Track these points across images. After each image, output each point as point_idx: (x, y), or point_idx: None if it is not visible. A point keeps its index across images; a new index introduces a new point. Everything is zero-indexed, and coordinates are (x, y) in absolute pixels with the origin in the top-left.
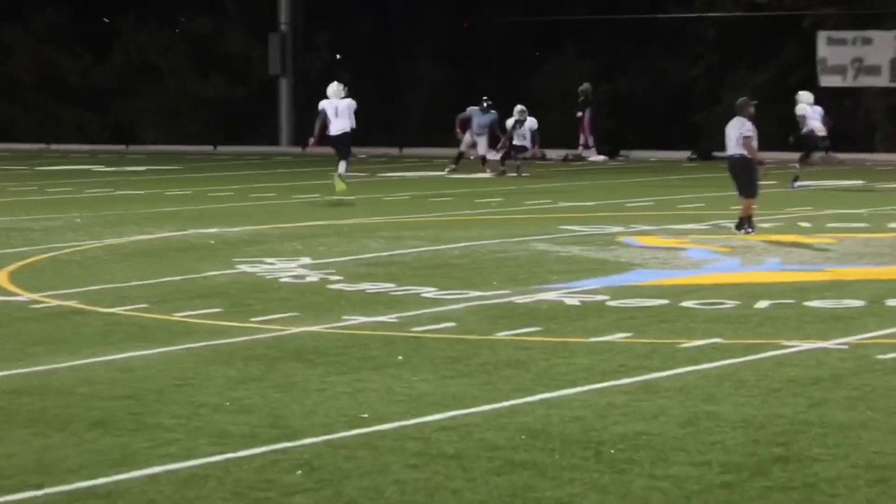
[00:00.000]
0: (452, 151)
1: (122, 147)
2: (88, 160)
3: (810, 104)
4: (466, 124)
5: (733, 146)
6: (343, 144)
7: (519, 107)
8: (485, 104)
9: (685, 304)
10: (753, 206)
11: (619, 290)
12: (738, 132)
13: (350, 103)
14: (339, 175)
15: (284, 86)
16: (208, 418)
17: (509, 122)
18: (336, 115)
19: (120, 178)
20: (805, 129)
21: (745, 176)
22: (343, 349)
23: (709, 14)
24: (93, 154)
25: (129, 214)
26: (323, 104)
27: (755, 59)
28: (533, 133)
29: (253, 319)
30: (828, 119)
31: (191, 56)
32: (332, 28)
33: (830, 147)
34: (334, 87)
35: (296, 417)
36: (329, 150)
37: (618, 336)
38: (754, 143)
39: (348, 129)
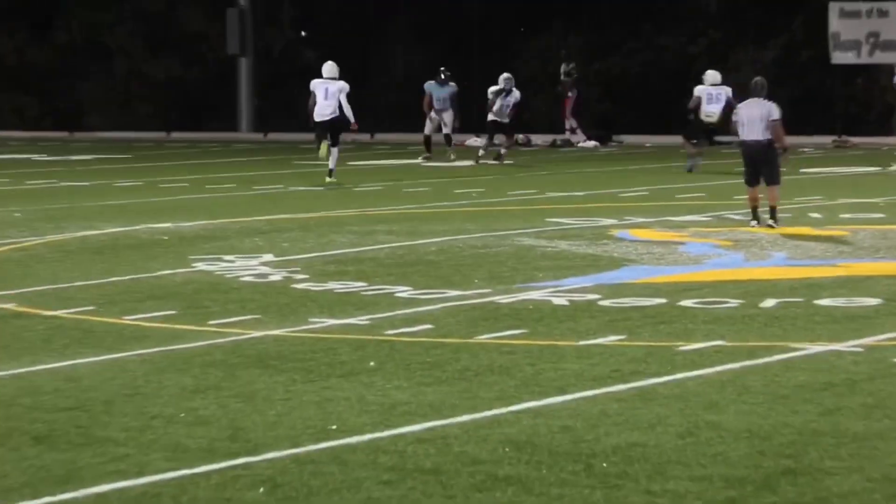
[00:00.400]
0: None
1: (65, 134)
2: (29, 148)
3: (715, 85)
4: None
5: (758, 130)
6: (328, 131)
7: (505, 74)
8: (442, 76)
9: (684, 303)
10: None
11: (612, 289)
12: (765, 115)
13: (342, 86)
14: (330, 170)
15: (244, 66)
16: (162, 431)
17: (492, 90)
18: (325, 97)
19: (64, 168)
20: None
21: (772, 163)
22: (309, 354)
23: None
24: (33, 142)
25: (74, 208)
26: (314, 84)
27: (761, 34)
28: (516, 106)
29: (210, 322)
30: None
31: (141, 34)
32: (296, 2)
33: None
34: (328, 67)
35: (258, 429)
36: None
37: (610, 338)
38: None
39: (337, 115)
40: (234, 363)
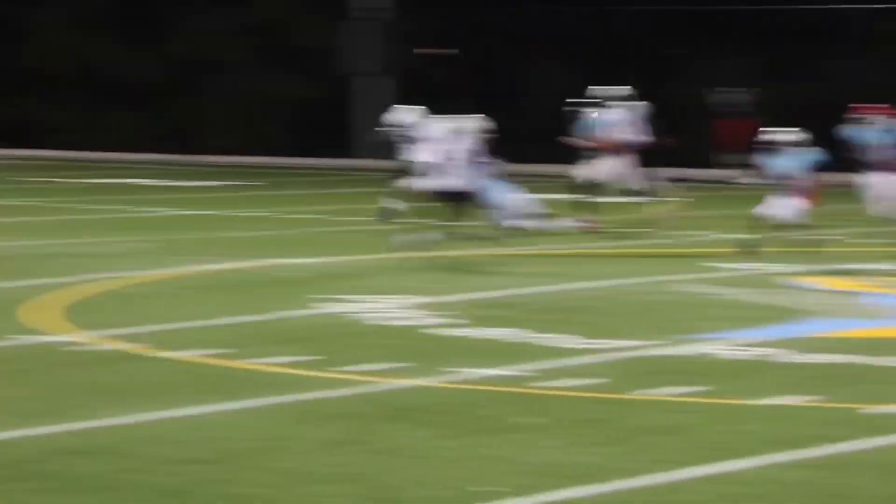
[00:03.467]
0: None
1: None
2: (139, 172)
3: None
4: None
5: None
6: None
7: None
8: None
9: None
10: None
11: (801, 342)
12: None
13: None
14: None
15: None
16: (303, 489)
17: None
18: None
19: (182, 194)
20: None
21: None
22: (463, 407)
23: None
24: (143, 164)
25: (209, 239)
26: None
27: None
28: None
29: (349, 370)
30: None
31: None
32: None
33: None
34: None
35: (407, 488)
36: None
37: (804, 399)
38: None
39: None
40: (379, 415)
